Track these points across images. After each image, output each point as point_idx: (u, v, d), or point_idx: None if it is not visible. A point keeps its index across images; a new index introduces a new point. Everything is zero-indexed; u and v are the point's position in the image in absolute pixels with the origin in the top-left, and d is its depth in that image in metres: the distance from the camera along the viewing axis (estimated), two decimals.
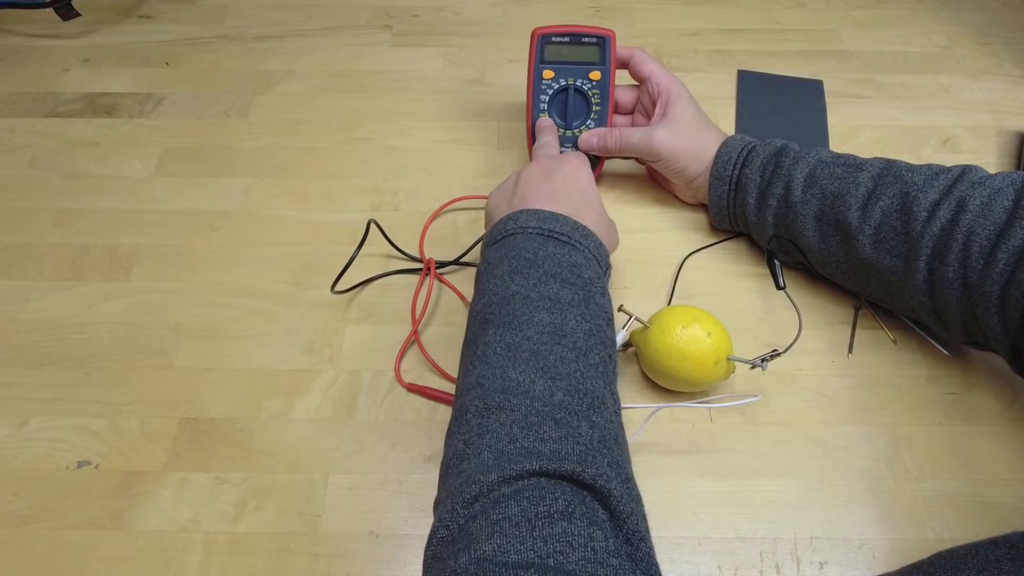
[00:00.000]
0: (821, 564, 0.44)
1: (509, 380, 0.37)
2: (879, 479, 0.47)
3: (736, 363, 0.48)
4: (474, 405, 0.37)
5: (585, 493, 0.33)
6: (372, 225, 0.56)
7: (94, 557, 0.44)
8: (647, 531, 0.34)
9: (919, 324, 0.53)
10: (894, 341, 0.53)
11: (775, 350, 0.48)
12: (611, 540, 0.31)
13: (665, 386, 0.50)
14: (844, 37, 0.77)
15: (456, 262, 0.57)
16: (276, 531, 0.45)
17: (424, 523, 0.45)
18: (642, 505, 0.36)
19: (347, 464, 0.48)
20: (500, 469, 0.33)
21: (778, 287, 0.52)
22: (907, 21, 0.79)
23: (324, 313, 0.55)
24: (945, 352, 0.52)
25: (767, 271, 0.54)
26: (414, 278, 0.57)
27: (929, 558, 0.33)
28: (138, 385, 0.52)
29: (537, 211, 0.46)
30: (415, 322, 0.54)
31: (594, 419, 0.37)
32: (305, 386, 0.51)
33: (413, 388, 0.51)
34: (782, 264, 0.53)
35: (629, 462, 0.38)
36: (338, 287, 0.54)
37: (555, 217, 0.46)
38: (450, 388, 0.51)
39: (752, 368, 0.48)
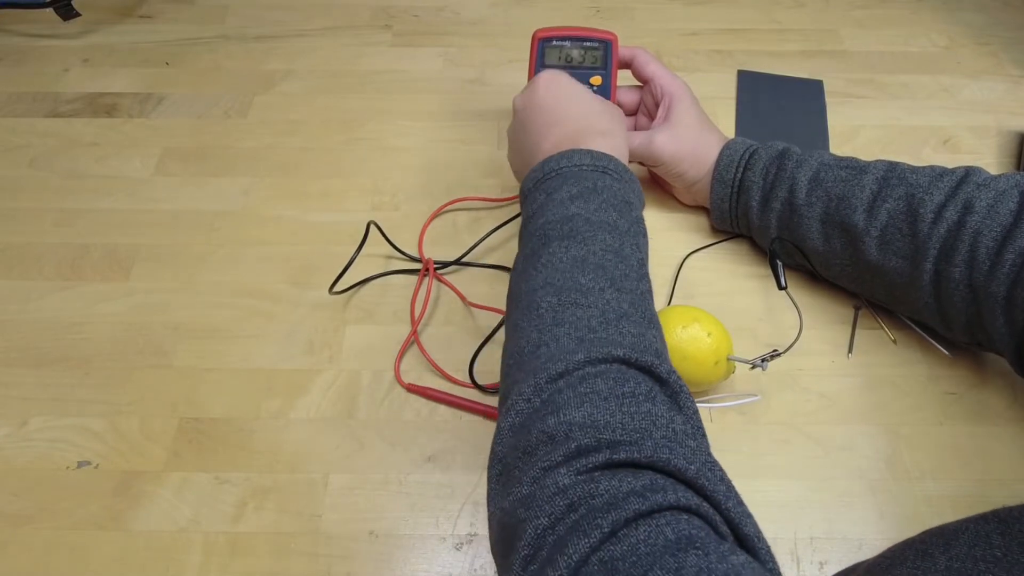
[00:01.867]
0: (821, 564, 0.44)
1: (580, 284, 0.39)
2: (879, 479, 0.47)
3: (736, 363, 0.48)
4: (547, 301, 0.38)
5: (660, 386, 0.35)
6: (372, 226, 0.56)
7: (94, 557, 0.44)
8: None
9: (920, 324, 0.53)
10: (894, 341, 0.53)
11: (775, 350, 0.48)
12: (687, 426, 0.34)
13: None
14: (844, 37, 0.77)
15: (456, 262, 0.57)
16: (276, 531, 0.45)
17: (424, 523, 0.46)
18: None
19: (347, 464, 0.48)
20: (586, 351, 0.35)
21: (780, 287, 0.52)
22: (907, 21, 0.79)
23: (324, 313, 0.55)
24: (946, 352, 0.52)
25: (768, 271, 0.54)
26: (413, 278, 0.57)
27: (920, 535, 0.33)
28: (138, 385, 0.52)
29: (589, 150, 0.47)
30: (414, 322, 0.54)
31: (655, 333, 0.39)
32: (305, 386, 0.51)
33: (413, 388, 0.51)
34: (784, 264, 0.53)
35: None
36: (337, 287, 0.54)
37: (606, 156, 0.47)
38: (450, 388, 0.51)
39: (752, 368, 0.48)
